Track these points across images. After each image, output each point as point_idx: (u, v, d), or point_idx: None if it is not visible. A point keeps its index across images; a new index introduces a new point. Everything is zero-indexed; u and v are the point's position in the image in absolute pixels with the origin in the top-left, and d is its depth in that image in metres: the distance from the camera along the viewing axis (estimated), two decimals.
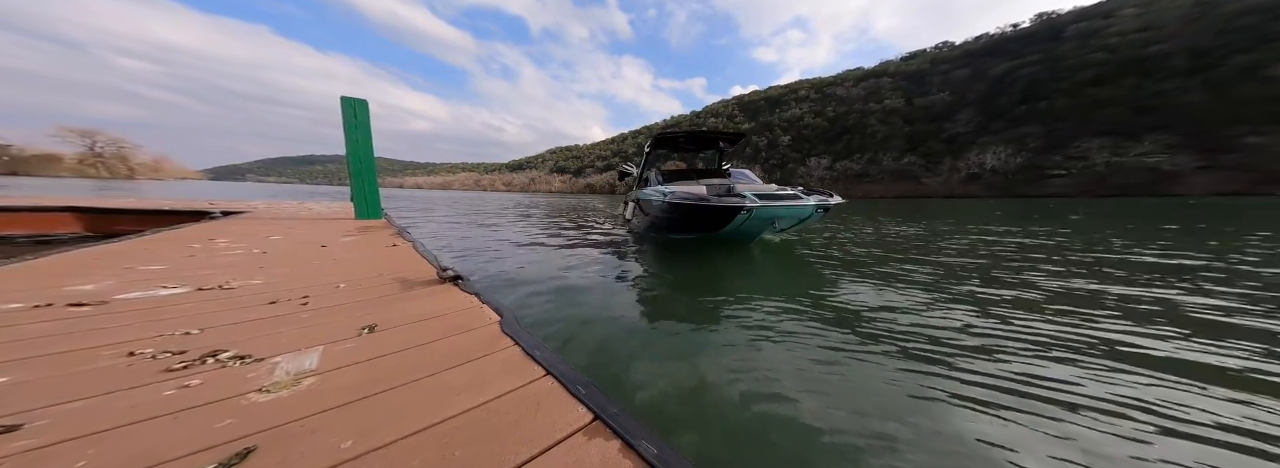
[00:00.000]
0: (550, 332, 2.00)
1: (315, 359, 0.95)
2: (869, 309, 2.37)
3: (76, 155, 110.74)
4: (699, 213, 3.79)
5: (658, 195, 4.28)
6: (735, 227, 3.85)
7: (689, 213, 3.92)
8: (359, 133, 4.21)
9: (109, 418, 0.71)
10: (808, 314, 2.26)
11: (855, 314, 2.29)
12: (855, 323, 2.12)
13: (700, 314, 2.31)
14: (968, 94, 69.35)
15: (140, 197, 7.23)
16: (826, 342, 1.85)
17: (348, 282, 1.66)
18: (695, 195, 3.70)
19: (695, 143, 6.44)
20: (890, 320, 2.16)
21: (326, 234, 3.16)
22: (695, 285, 2.98)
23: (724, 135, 6.17)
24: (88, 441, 0.66)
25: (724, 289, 2.78)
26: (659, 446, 0.67)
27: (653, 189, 4.76)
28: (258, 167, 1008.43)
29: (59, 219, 4.19)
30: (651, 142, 6.20)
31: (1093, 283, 3.00)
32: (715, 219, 3.80)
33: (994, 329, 2.04)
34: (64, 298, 1.34)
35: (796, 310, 2.32)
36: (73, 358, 0.94)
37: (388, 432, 0.69)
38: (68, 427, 0.69)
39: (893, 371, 1.58)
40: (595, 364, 1.65)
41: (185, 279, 1.63)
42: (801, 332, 1.98)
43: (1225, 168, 37.95)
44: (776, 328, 2.03)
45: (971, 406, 1.34)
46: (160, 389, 0.80)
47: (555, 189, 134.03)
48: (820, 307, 2.41)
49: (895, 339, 1.90)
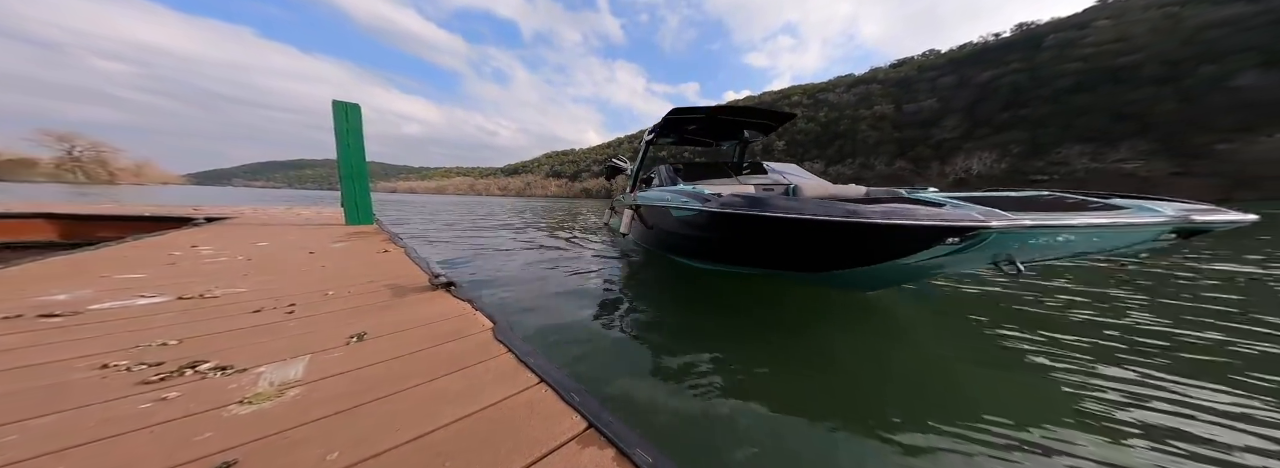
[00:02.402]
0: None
1: (301, 369, 0.92)
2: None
3: (54, 160, 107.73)
4: (843, 236, 1.86)
5: (690, 202, 2.58)
6: (933, 260, 1.86)
7: (811, 235, 1.97)
8: (351, 137, 4.17)
9: (81, 433, 0.68)
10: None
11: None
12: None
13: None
14: (954, 101, 71.25)
15: (120, 202, 7.04)
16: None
17: (336, 289, 1.63)
18: (829, 204, 1.80)
19: (717, 129, 4.66)
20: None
21: (315, 240, 3.10)
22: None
23: (765, 116, 4.38)
24: (58, 457, 0.63)
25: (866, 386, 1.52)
26: (653, 454, 0.66)
27: (670, 191, 3.05)
28: (245, 171, 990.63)
29: (32, 226, 4.05)
30: (657, 126, 4.40)
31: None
32: (891, 245, 1.84)
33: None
34: (35, 309, 1.29)
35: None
36: (43, 371, 0.90)
37: (377, 442, 0.67)
38: (37, 443, 0.66)
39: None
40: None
41: (165, 288, 1.59)
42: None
43: (1197, 174, 39.41)
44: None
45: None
46: (135, 403, 0.77)
47: (551, 193, 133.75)
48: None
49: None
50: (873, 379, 1.61)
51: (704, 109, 4.11)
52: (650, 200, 3.37)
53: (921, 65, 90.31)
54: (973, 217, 1.52)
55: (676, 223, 3.00)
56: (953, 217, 1.54)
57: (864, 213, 1.65)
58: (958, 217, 1.53)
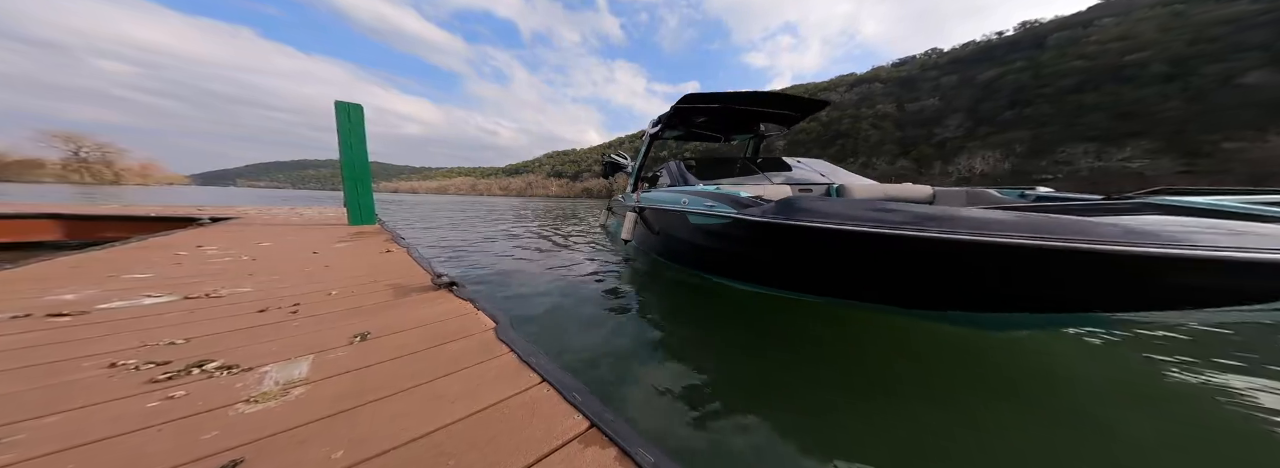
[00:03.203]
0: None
1: (305, 368, 0.93)
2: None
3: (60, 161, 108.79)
4: (1108, 270, 1.10)
5: (717, 207, 2.07)
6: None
7: (1015, 265, 1.23)
8: (353, 138, 4.18)
9: (90, 431, 0.69)
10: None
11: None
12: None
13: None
14: (956, 100, 70.88)
15: (125, 203, 7.09)
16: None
17: (340, 288, 1.64)
18: (1034, 219, 1.16)
19: (731, 121, 4.11)
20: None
21: (318, 240, 3.12)
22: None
23: (790, 103, 3.74)
24: (68, 455, 0.64)
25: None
26: (656, 454, 0.66)
27: (685, 192, 2.53)
28: (248, 171, 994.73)
29: (39, 226, 4.08)
30: (664, 117, 3.87)
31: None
32: (1227, 289, 1.05)
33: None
34: (44, 308, 1.31)
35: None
36: (52, 370, 0.91)
37: (380, 441, 0.68)
38: (47, 441, 0.66)
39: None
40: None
41: (171, 288, 1.60)
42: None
43: (1204, 173, 39.09)
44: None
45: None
46: (143, 401, 0.78)
47: (552, 193, 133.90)
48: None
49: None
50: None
51: (721, 96, 3.49)
52: (659, 202, 2.87)
53: (924, 64, 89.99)
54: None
55: (698, 232, 2.39)
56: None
57: (1141, 235, 1.01)
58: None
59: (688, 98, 3.48)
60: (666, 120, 3.97)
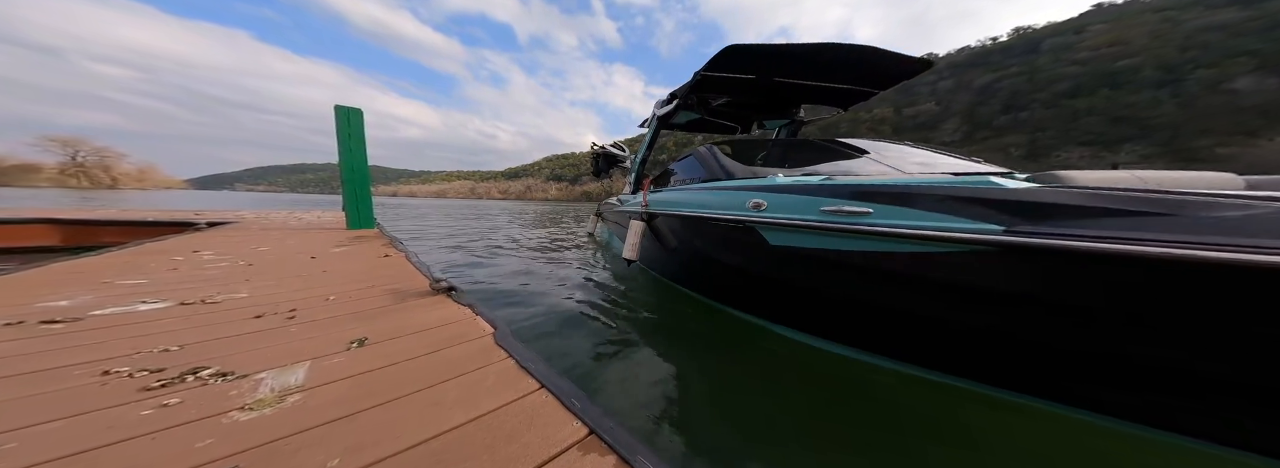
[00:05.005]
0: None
1: (302, 375, 0.92)
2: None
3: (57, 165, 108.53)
4: None
5: (1021, 221, 0.96)
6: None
7: None
8: (352, 142, 4.19)
9: (83, 439, 0.68)
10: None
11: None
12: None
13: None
14: (953, 104, 71.55)
15: (121, 207, 7.06)
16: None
17: (338, 294, 1.63)
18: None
19: (767, 98, 3.14)
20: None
21: (316, 245, 3.11)
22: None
23: (890, 64, 2.52)
24: (60, 463, 0.63)
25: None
26: (655, 462, 0.66)
27: (769, 190, 1.62)
28: (247, 175, 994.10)
29: (35, 231, 4.06)
30: (683, 91, 2.95)
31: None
32: None
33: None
34: (37, 315, 1.29)
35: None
36: (45, 377, 0.90)
37: (377, 449, 0.67)
38: (39, 449, 0.66)
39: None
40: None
41: (166, 294, 1.59)
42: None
43: None
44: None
45: None
46: (137, 409, 0.77)
47: (551, 196, 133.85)
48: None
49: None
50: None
51: (775, 49, 2.30)
52: (690, 206, 2.01)
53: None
54: None
55: (794, 260, 1.51)
56: None
57: None
58: None
59: (730, 50, 2.34)
60: (686, 93, 2.91)
